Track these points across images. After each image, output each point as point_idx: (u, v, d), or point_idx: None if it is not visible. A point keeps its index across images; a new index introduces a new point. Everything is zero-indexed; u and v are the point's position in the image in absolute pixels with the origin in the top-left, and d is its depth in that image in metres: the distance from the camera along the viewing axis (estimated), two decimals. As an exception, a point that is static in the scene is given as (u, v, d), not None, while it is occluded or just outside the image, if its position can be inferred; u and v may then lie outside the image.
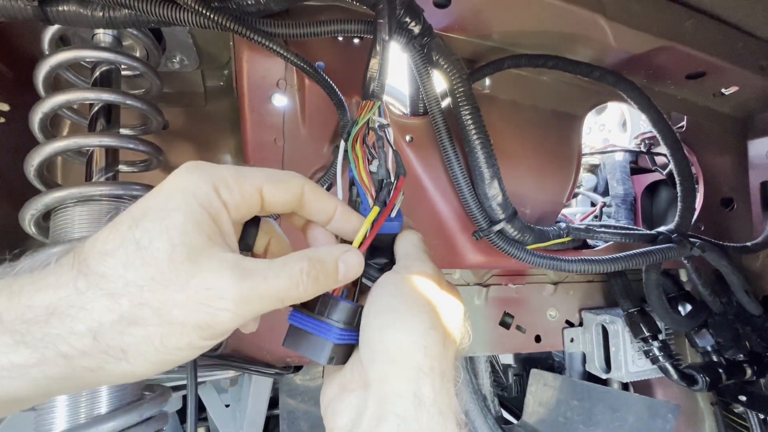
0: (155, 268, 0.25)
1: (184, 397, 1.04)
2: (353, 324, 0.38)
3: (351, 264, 0.34)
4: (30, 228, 0.53)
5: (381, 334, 0.34)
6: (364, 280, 0.42)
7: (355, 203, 0.44)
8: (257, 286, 0.28)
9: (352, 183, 0.43)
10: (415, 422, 0.31)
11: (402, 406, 0.31)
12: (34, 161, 0.51)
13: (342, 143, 0.48)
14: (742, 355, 0.99)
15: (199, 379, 0.95)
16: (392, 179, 0.44)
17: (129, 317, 0.25)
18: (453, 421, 0.33)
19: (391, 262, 0.41)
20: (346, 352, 0.39)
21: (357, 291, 0.41)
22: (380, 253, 0.44)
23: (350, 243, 0.38)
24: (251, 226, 0.37)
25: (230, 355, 0.86)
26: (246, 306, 0.27)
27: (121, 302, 0.25)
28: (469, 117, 0.63)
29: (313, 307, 0.38)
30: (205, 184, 0.28)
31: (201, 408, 1.18)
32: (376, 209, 0.41)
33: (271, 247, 0.39)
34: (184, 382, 0.83)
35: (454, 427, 0.33)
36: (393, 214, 0.42)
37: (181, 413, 1.15)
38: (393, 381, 0.32)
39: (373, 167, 0.45)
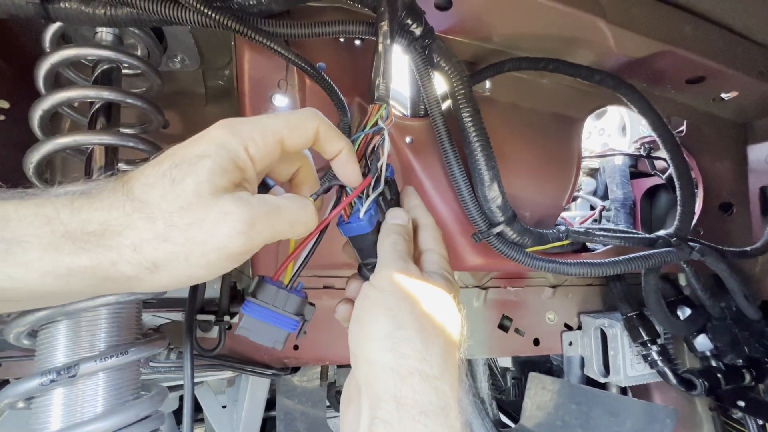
0: (184, 199, 0.31)
1: (181, 398, 1.04)
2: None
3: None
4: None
5: (358, 342, 0.38)
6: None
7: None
8: (268, 211, 0.33)
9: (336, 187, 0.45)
10: (399, 424, 0.32)
11: (386, 409, 0.33)
12: (33, 159, 0.51)
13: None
14: (740, 360, 0.99)
15: (196, 380, 0.94)
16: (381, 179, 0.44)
17: (162, 236, 0.30)
18: (439, 418, 0.33)
19: None
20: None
21: None
22: (370, 254, 0.44)
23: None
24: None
25: (227, 355, 0.85)
26: (256, 227, 0.32)
27: (157, 224, 0.30)
28: (469, 119, 0.63)
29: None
30: (235, 141, 0.33)
31: (198, 409, 1.18)
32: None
33: (299, 175, 0.43)
34: (180, 383, 0.83)
35: (441, 425, 0.32)
36: (361, 215, 0.42)
37: (178, 414, 1.14)
38: (374, 385, 0.35)
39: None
